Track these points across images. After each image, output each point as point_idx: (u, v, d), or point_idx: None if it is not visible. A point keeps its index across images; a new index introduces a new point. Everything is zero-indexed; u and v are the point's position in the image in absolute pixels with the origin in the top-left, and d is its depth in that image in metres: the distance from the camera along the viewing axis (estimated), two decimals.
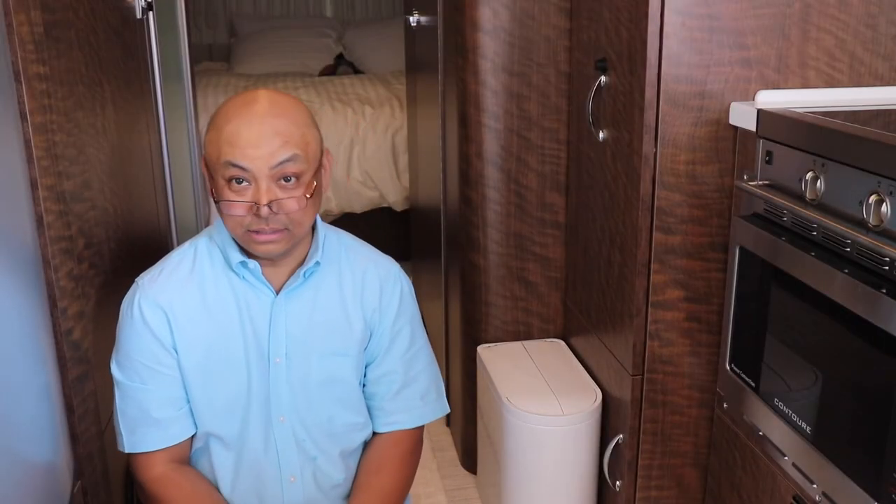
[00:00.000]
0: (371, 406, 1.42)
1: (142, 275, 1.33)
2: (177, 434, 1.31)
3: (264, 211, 1.20)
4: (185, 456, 1.35)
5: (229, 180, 1.21)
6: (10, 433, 1.08)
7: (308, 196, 1.24)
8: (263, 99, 1.23)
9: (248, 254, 1.30)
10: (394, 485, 1.40)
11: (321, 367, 1.34)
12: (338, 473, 1.39)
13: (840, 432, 1.24)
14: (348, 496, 1.41)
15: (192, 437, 1.35)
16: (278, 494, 1.36)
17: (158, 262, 1.35)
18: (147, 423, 1.30)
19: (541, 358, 2.07)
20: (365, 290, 1.37)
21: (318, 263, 1.33)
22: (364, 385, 1.42)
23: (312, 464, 1.36)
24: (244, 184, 1.21)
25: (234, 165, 1.19)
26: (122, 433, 1.31)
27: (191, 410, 1.32)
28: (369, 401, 1.42)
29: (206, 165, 1.26)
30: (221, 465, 1.35)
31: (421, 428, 1.46)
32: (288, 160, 1.20)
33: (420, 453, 1.47)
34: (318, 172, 1.28)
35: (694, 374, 1.68)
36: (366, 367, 1.41)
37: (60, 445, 1.28)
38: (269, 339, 1.31)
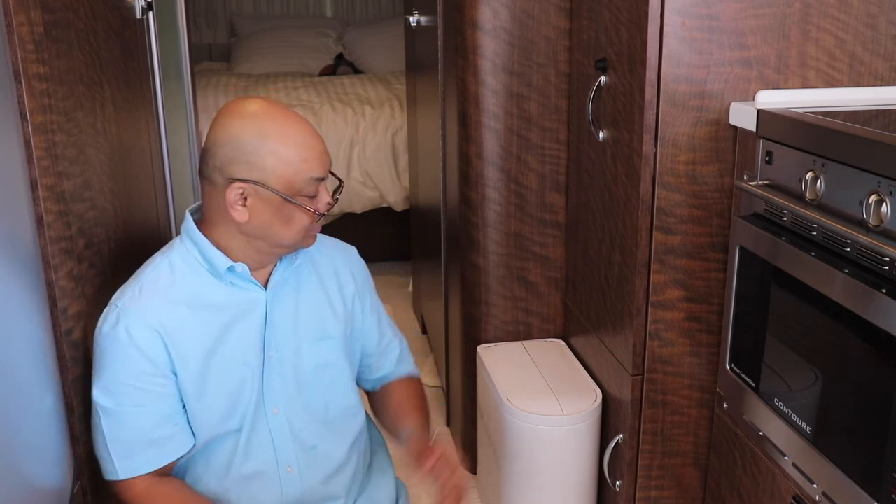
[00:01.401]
0: (382, 377, 1.54)
1: (117, 297, 1.31)
2: (175, 450, 1.32)
3: (328, 207, 1.32)
4: (172, 468, 1.35)
5: (309, 194, 1.28)
6: (10, 433, 1.08)
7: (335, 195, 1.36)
8: (285, 109, 1.30)
9: (231, 258, 1.32)
10: (421, 394, 1.55)
11: (311, 353, 1.37)
12: (339, 456, 1.41)
13: (840, 432, 1.24)
14: (349, 483, 1.44)
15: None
16: (276, 485, 1.37)
17: (132, 281, 1.33)
18: (144, 445, 1.29)
19: (541, 358, 2.07)
20: (339, 277, 1.45)
21: (311, 251, 1.40)
22: (369, 365, 1.52)
23: (311, 453, 1.38)
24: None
25: (319, 179, 1.29)
26: (114, 459, 1.30)
27: (188, 422, 1.33)
28: (376, 373, 1.51)
29: (272, 190, 1.26)
30: (218, 461, 1.35)
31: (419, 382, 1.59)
32: (330, 164, 1.33)
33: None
34: None
35: (694, 374, 1.68)
36: (362, 350, 1.49)
37: (60, 445, 1.28)
38: (265, 334, 1.33)
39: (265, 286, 1.35)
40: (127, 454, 1.29)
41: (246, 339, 1.32)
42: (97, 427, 1.30)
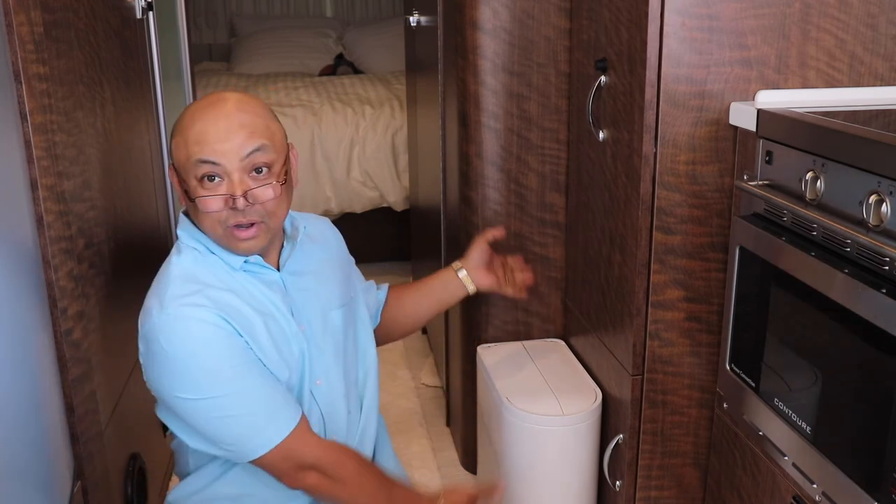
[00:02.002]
0: (378, 310, 1.64)
1: (160, 308, 1.23)
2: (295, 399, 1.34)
3: (241, 202, 1.23)
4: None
5: (202, 179, 1.24)
6: (10, 433, 1.08)
7: (280, 182, 1.27)
8: (225, 98, 1.27)
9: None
10: None
11: (335, 319, 1.41)
12: (368, 420, 1.45)
13: (840, 432, 1.24)
14: (373, 449, 1.49)
15: None
16: None
17: (162, 288, 1.26)
18: (280, 400, 1.27)
19: (541, 358, 2.07)
20: (330, 245, 1.50)
21: (305, 228, 1.41)
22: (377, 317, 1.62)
23: (349, 418, 1.41)
24: (217, 180, 1.24)
25: (206, 162, 1.22)
26: (265, 429, 1.25)
27: None
28: (373, 310, 1.61)
29: (176, 172, 1.28)
30: None
31: None
32: (257, 150, 1.25)
33: None
34: (286, 163, 1.31)
35: (694, 374, 1.68)
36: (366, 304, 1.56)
37: (60, 445, 1.28)
38: (292, 312, 1.35)
39: (278, 268, 1.37)
40: (273, 414, 1.26)
41: (282, 320, 1.33)
42: (225, 416, 1.24)
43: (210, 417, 1.25)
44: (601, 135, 1.78)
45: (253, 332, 1.27)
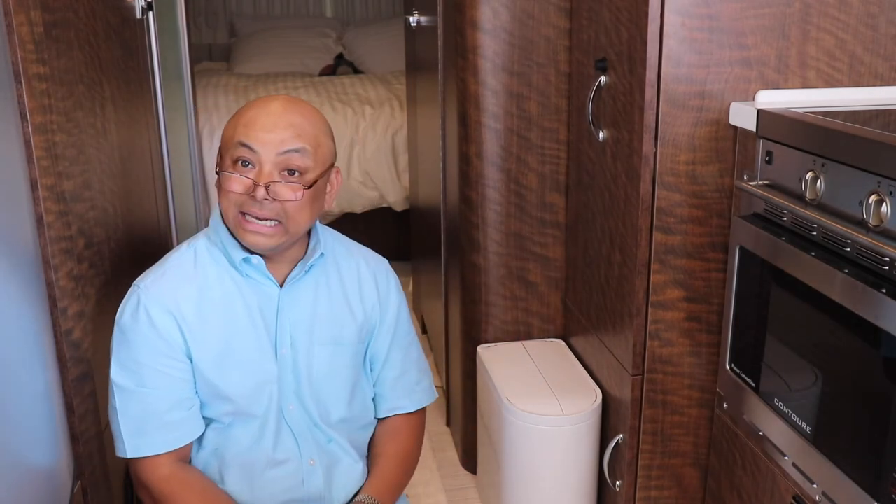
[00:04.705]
0: (390, 408, 1.48)
1: (140, 278, 1.33)
2: (186, 435, 1.32)
3: (260, 192, 1.24)
4: (189, 456, 1.36)
5: (236, 160, 1.26)
6: (10, 433, 1.08)
7: (306, 188, 1.27)
8: (289, 98, 1.31)
9: (249, 250, 1.32)
10: (408, 449, 1.49)
11: (322, 356, 1.38)
12: (353, 455, 1.42)
13: (840, 432, 1.24)
14: (360, 482, 1.44)
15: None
16: (299, 475, 1.38)
17: (157, 265, 1.35)
18: (156, 426, 1.30)
19: (541, 358, 2.07)
20: (362, 285, 1.43)
21: (322, 255, 1.38)
22: (381, 394, 1.49)
23: (327, 448, 1.40)
24: (248, 166, 1.26)
25: (244, 145, 1.25)
26: (124, 437, 1.30)
27: (199, 410, 1.34)
28: (384, 403, 1.49)
29: (220, 152, 1.31)
30: (245, 438, 1.36)
31: (422, 411, 1.53)
32: (295, 150, 1.26)
33: (423, 433, 1.56)
34: (323, 178, 1.31)
35: (694, 374, 1.68)
36: (370, 358, 1.47)
37: (60, 445, 1.28)
38: (277, 331, 1.34)
39: (281, 285, 1.35)
40: (139, 433, 1.30)
41: (261, 333, 1.34)
42: (112, 404, 1.32)
43: (111, 393, 1.32)
44: (601, 135, 1.78)
45: (202, 343, 1.30)
